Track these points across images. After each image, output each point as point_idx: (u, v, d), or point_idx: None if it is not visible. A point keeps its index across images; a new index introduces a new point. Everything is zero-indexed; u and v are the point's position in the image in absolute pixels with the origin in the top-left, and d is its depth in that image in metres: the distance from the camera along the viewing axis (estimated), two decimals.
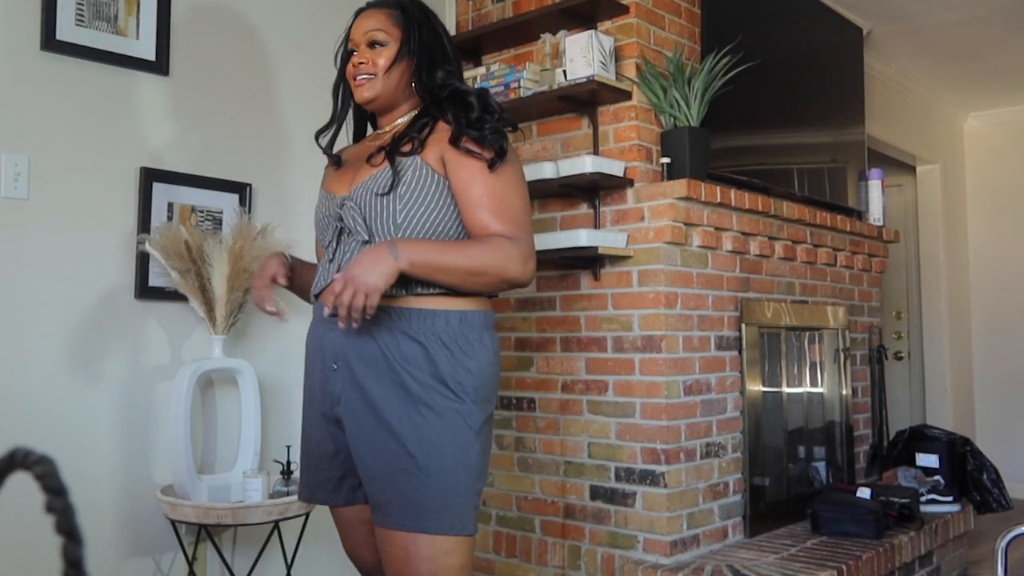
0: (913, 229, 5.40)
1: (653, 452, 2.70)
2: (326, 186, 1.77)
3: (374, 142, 1.74)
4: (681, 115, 2.80)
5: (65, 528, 0.46)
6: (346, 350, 1.61)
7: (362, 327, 1.56)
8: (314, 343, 1.71)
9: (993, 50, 4.48)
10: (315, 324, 1.72)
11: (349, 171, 1.72)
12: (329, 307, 1.48)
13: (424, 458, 1.53)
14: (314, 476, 1.75)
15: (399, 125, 1.73)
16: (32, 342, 2.14)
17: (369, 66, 1.68)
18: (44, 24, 2.17)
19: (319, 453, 1.71)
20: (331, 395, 1.64)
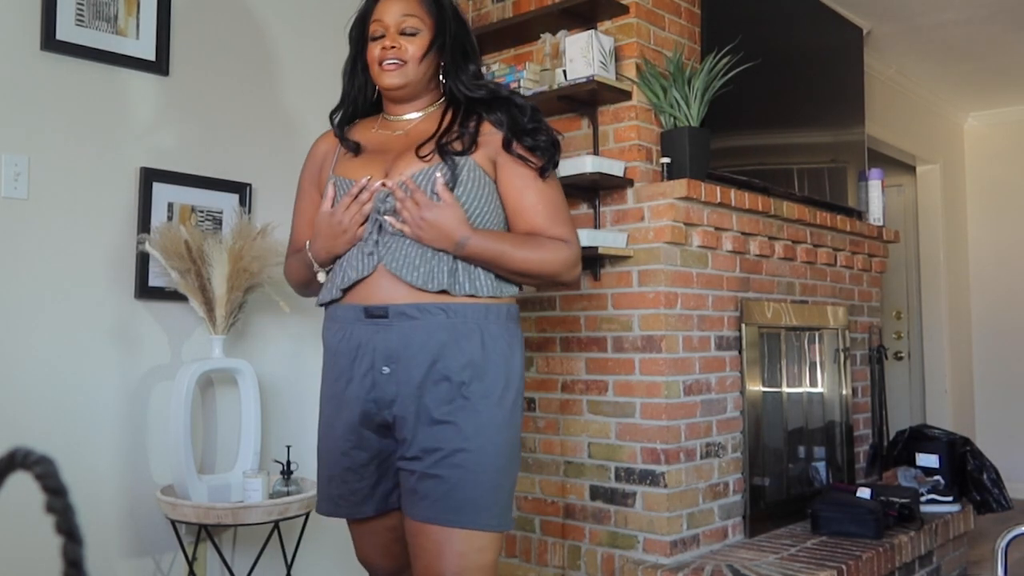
0: (913, 229, 5.40)
1: (653, 452, 2.70)
2: (343, 172, 1.67)
3: (385, 130, 1.70)
4: (681, 115, 2.80)
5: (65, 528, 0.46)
6: (399, 350, 1.55)
7: (415, 323, 1.54)
8: (348, 346, 1.60)
9: (993, 50, 4.48)
10: (348, 327, 1.61)
11: (377, 160, 1.65)
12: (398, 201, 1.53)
13: (478, 453, 1.52)
14: (338, 489, 1.66)
15: (418, 119, 1.69)
16: (32, 342, 2.14)
17: (400, 52, 1.63)
18: (44, 24, 2.16)
19: (347, 464, 1.64)
20: (380, 399, 1.57)
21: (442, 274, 1.55)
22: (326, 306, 1.69)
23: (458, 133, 1.63)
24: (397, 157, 1.63)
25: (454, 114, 1.68)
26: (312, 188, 1.77)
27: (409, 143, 1.65)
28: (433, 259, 1.56)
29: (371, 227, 1.59)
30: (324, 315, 1.72)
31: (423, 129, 1.67)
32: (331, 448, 1.66)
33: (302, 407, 2.66)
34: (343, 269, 1.62)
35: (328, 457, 1.68)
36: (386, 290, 1.57)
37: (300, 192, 1.80)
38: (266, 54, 2.66)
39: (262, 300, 2.48)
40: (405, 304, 1.55)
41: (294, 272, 1.78)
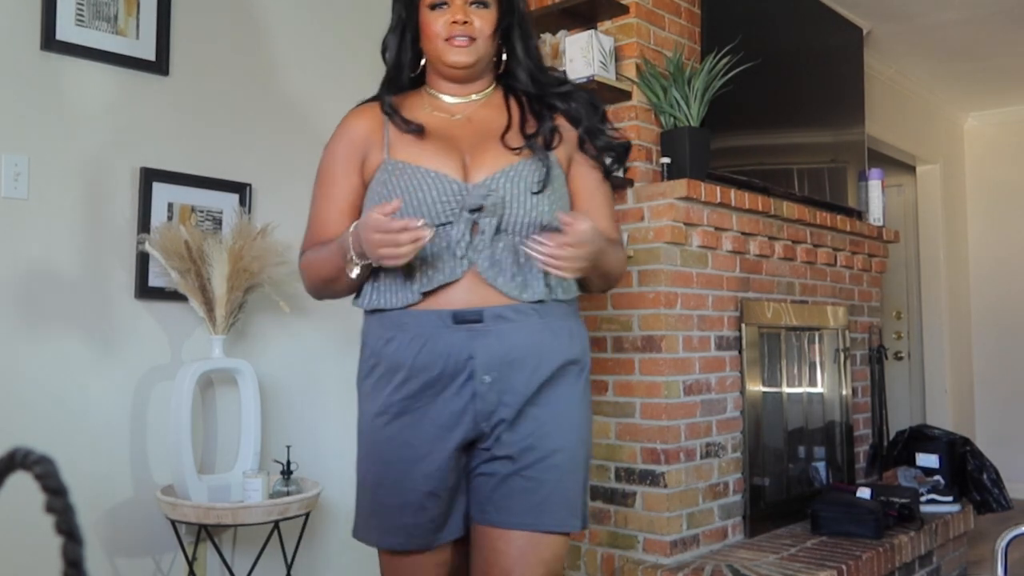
0: (913, 229, 5.40)
1: (653, 452, 2.70)
2: (408, 157, 1.47)
3: (440, 112, 1.55)
4: (681, 115, 2.80)
5: (65, 528, 0.46)
6: (500, 356, 1.42)
7: (514, 325, 1.43)
8: (431, 357, 1.43)
9: (993, 50, 4.48)
10: (428, 334, 1.43)
11: (448, 148, 1.49)
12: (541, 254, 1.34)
13: (571, 452, 1.47)
14: (413, 518, 1.46)
15: (477, 102, 1.56)
16: (32, 342, 2.14)
17: (471, 27, 1.48)
18: (44, 24, 2.16)
19: (431, 487, 1.45)
20: (481, 412, 1.43)
21: (537, 282, 1.45)
22: (380, 311, 1.49)
23: (539, 126, 1.52)
24: (476, 147, 1.49)
25: (519, 103, 1.56)
26: (352, 174, 1.54)
27: (480, 131, 1.52)
28: (525, 264, 1.45)
29: (464, 228, 1.43)
30: (372, 322, 1.52)
31: (487, 116, 1.54)
32: (405, 472, 1.45)
33: (302, 407, 2.66)
34: (421, 269, 1.44)
35: (399, 483, 1.45)
36: (475, 293, 1.43)
37: (330, 177, 1.55)
38: (266, 54, 2.66)
39: (262, 300, 2.48)
40: (500, 307, 1.43)
41: (317, 268, 1.54)
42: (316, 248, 1.53)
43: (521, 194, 1.45)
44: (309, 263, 1.55)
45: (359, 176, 1.54)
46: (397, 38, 1.55)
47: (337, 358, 2.72)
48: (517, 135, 1.51)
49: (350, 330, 2.65)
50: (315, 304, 2.58)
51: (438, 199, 1.43)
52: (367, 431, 1.51)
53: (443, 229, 1.43)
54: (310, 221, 1.58)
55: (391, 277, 1.46)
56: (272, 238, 2.37)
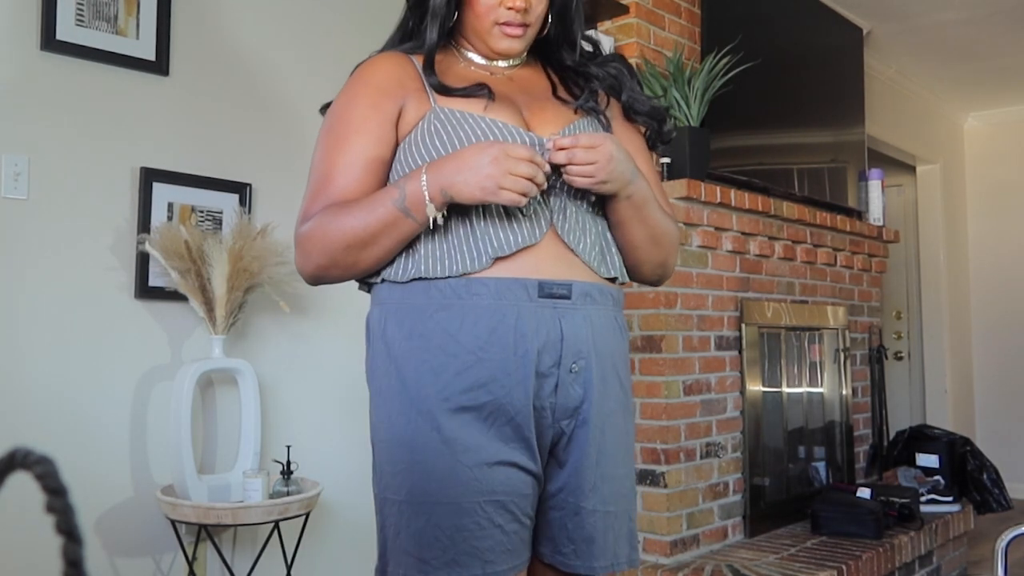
0: (913, 229, 5.40)
1: (653, 452, 2.70)
2: (461, 105, 1.25)
3: (480, 70, 1.34)
4: (681, 115, 2.80)
5: (65, 528, 0.46)
6: (588, 341, 1.21)
7: (599, 309, 1.24)
8: (509, 336, 1.16)
9: (993, 50, 4.48)
10: (505, 308, 1.17)
11: (503, 100, 1.28)
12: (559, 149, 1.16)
13: (632, 474, 1.31)
14: (481, 538, 1.15)
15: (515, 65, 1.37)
16: (32, 342, 2.14)
17: (529, 15, 1.29)
18: (44, 24, 2.16)
19: (517, 495, 1.18)
20: (562, 407, 1.20)
21: (613, 256, 1.29)
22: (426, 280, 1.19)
23: (585, 89, 1.36)
24: (531, 104, 1.31)
25: (557, 72, 1.40)
26: (384, 123, 1.25)
27: (527, 89, 1.34)
28: (598, 231, 1.28)
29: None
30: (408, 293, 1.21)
31: (528, 77, 1.37)
32: (472, 482, 1.15)
33: (302, 407, 2.66)
34: (488, 230, 1.19)
35: (453, 499, 1.15)
36: (560, 261, 1.21)
37: (351, 126, 1.25)
38: (266, 54, 2.66)
39: (262, 300, 2.48)
40: (587, 283, 1.22)
41: (348, 227, 1.18)
42: (342, 205, 1.21)
43: None
44: (331, 220, 1.20)
45: (392, 128, 1.26)
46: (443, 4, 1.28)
47: (337, 358, 2.72)
48: (566, 96, 1.37)
49: (351, 329, 2.65)
50: (315, 304, 2.58)
51: None
52: (408, 435, 1.17)
53: None
54: (319, 179, 1.25)
55: (435, 240, 1.19)
56: (272, 238, 2.37)
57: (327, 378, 2.72)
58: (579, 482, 1.21)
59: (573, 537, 1.22)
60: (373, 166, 1.24)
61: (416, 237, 1.20)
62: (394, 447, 1.20)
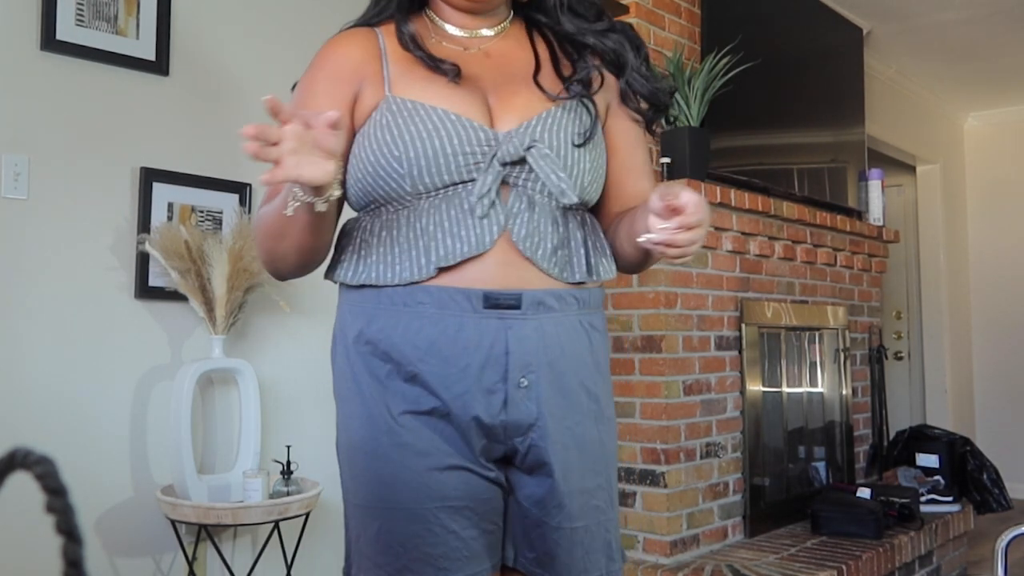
0: (913, 229, 5.40)
1: (653, 452, 2.70)
2: (417, 94, 1.14)
3: (452, 45, 1.23)
4: (681, 115, 2.80)
5: (65, 528, 0.46)
6: (539, 353, 1.12)
7: (555, 316, 1.14)
8: (453, 350, 1.10)
9: (993, 50, 4.48)
10: (448, 321, 1.10)
11: (466, 85, 1.17)
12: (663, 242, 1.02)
13: (612, 486, 1.22)
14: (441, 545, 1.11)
15: (493, 36, 1.25)
16: (32, 342, 2.14)
17: None
18: (44, 24, 2.16)
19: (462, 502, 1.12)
20: (512, 424, 1.12)
21: (580, 259, 1.17)
22: (374, 287, 1.14)
23: (576, 67, 1.23)
24: (501, 87, 1.19)
25: (545, 39, 1.27)
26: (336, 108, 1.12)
27: (503, 69, 1.22)
28: (565, 233, 1.16)
29: (492, 183, 1.11)
30: (359, 299, 1.16)
31: (507, 51, 1.24)
32: (422, 487, 1.11)
33: (302, 407, 2.66)
34: (435, 236, 1.11)
35: (405, 505, 1.11)
36: (510, 269, 1.12)
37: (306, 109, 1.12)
38: (266, 54, 2.66)
39: (262, 300, 2.48)
40: (540, 291, 1.12)
41: (265, 224, 1.15)
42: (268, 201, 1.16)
43: (562, 147, 1.15)
44: (258, 219, 1.17)
45: (348, 117, 1.17)
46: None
47: None
48: (551, 76, 1.22)
49: None
50: (315, 304, 2.58)
51: (460, 149, 1.11)
52: (362, 440, 1.14)
53: (463, 187, 1.12)
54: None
55: (387, 243, 1.14)
56: None
57: (327, 378, 2.71)
58: (542, 497, 1.15)
59: (535, 547, 1.17)
60: None
61: (368, 241, 1.15)
62: (351, 451, 1.16)
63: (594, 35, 1.24)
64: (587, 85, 1.22)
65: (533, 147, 1.12)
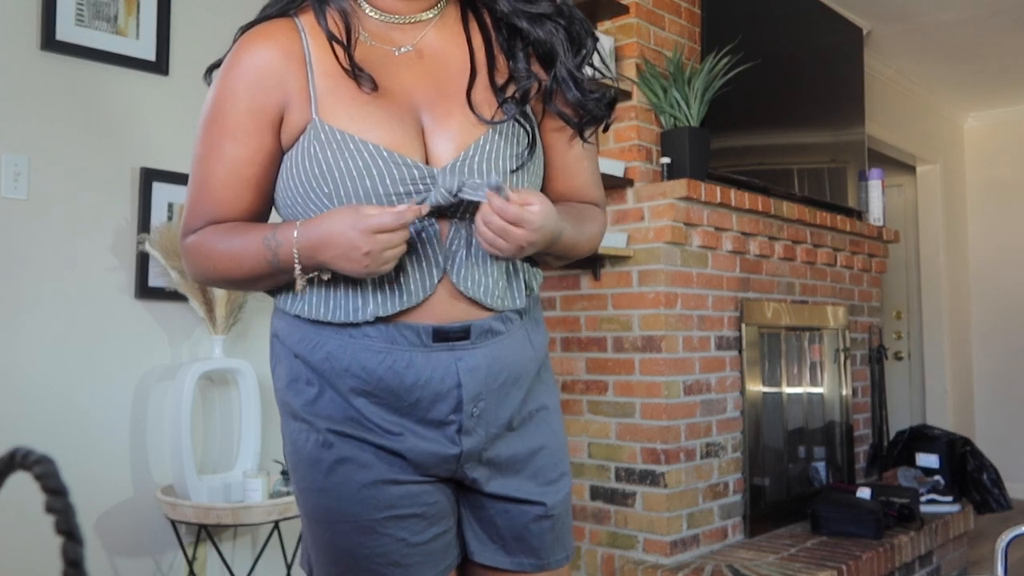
0: (913, 229, 5.40)
1: (653, 452, 2.70)
2: (349, 123, 1.06)
3: (379, 42, 1.12)
4: (681, 115, 2.80)
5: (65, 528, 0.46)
6: (490, 379, 1.10)
7: (502, 340, 1.12)
8: (403, 384, 1.07)
9: (993, 50, 4.48)
10: (396, 356, 1.07)
11: (398, 104, 1.09)
12: (483, 240, 1.03)
13: (565, 472, 1.23)
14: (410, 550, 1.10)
15: (426, 24, 1.14)
16: (32, 342, 2.14)
17: None
18: (44, 24, 2.16)
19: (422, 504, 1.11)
20: (468, 452, 1.11)
21: (519, 283, 1.15)
22: (320, 323, 1.12)
23: (511, 74, 1.13)
24: (435, 105, 1.10)
25: (480, 26, 1.16)
26: (263, 132, 1.09)
27: (437, 78, 1.12)
28: (499, 265, 1.12)
29: (428, 224, 1.07)
30: (303, 324, 1.15)
31: (442, 49, 1.14)
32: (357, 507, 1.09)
33: None
34: (371, 287, 1.07)
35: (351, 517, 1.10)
36: (456, 304, 1.09)
37: (226, 129, 1.09)
38: None
39: (262, 300, 2.48)
40: (486, 319, 1.11)
41: (225, 263, 1.12)
42: (220, 235, 1.11)
43: (501, 174, 1.09)
44: (209, 253, 1.12)
45: (273, 135, 1.09)
46: None
47: None
48: (486, 89, 1.12)
49: None
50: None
51: (393, 189, 1.05)
52: (306, 454, 1.12)
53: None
54: (196, 185, 1.13)
55: (321, 289, 1.11)
56: None
57: None
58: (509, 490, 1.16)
59: (503, 535, 1.17)
60: (249, 183, 1.11)
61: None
62: (297, 463, 1.14)
63: (528, 19, 1.12)
64: (525, 95, 1.13)
65: (463, 188, 1.03)
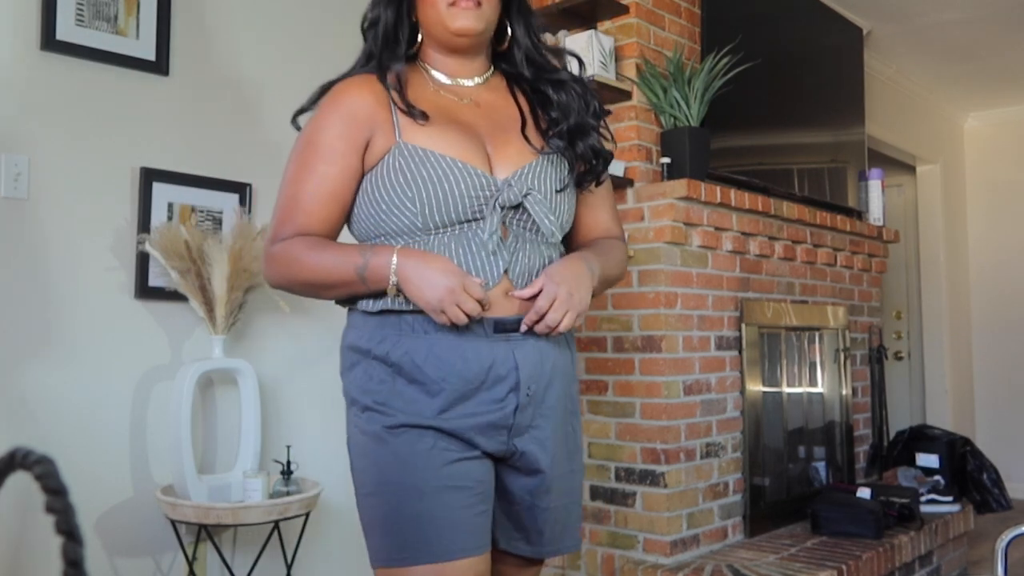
0: (913, 229, 5.40)
1: (653, 452, 2.70)
2: (427, 142, 1.30)
3: (447, 93, 1.39)
4: (681, 115, 2.80)
5: (65, 528, 0.46)
6: (538, 367, 1.32)
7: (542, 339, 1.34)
8: (480, 370, 1.28)
9: (993, 50, 4.48)
10: (476, 343, 1.29)
11: (467, 135, 1.34)
12: (529, 325, 1.29)
13: (580, 468, 1.46)
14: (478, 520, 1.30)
15: (479, 86, 1.42)
16: (32, 342, 2.14)
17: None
18: (44, 24, 2.16)
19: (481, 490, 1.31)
20: (519, 426, 1.32)
21: None
22: (396, 313, 1.31)
23: (550, 121, 1.41)
24: (495, 137, 1.36)
25: (523, 92, 1.45)
26: (351, 154, 1.32)
27: (494, 119, 1.39)
28: (542, 262, 1.36)
29: (495, 225, 1.29)
30: (377, 321, 1.33)
31: (495, 102, 1.42)
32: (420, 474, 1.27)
33: (302, 407, 2.66)
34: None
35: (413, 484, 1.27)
36: (507, 300, 1.31)
37: (322, 152, 1.33)
38: (266, 54, 2.66)
39: (262, 300, 2.48)
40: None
41: (311, 270, 1.31)
42: (309, 245, 1.31)
43: (548, 193, 1.35)
44: (295, 259, 1.31)
45: (359, 159, 1.33)
46: (394, 6, 1.37)
47: (337, 358, 2.72)
48: (534, 129, 1.41)
49: None
50: (315, 304, 2.58)
51: (467, 193, 1.28)
52: (376, 436, 1.30)
53: (469, 226, 1.30)
54: (287, 201, 1.35)
55: None
56: None
57: (327, 378, 2.72)
58: (535, 487, 1.36)
59: (525, 527, 1.38)
60: (336, 197, 1.34)
61: None
62: (364, 441, 1.32)
63: (550, 84, 1.42)
64: (561, 136, 1.39)
65: (530, 194, 1.31)
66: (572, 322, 1.29)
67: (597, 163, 1.42)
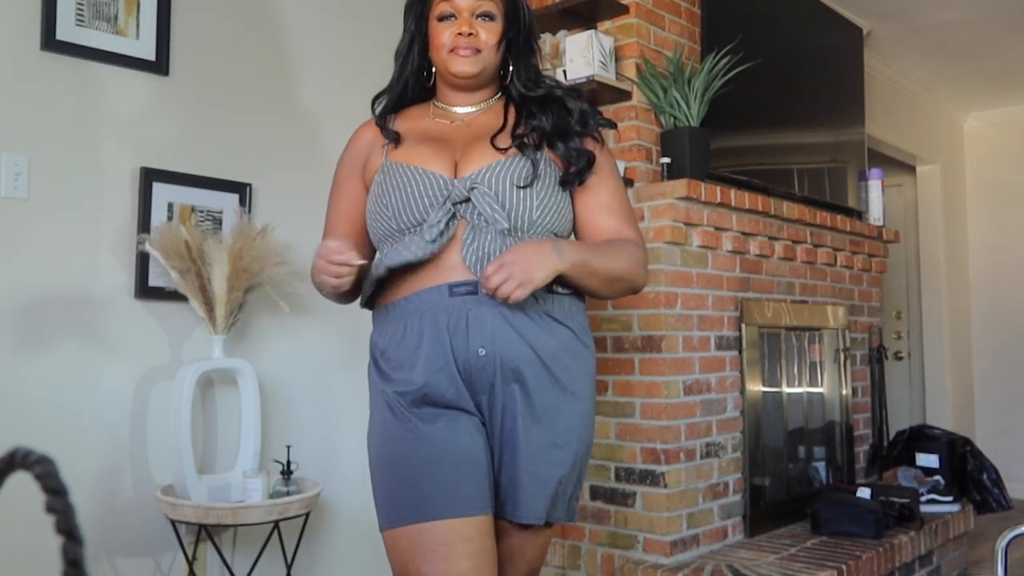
0: (913, 229, 5.40)
1: (653, 452, 2.70)
2: (403, 158, 1.55)
3: (442, 119, 1.62)
4: (681, 115, 2.80)
5: (65, 528, 0.46)
6: (496, 330, 1.45)
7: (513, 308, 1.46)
8: (434, 322, 1.46)
9: (993, 50, 4.48)
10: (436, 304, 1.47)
11: (441, 148, 1.56)
12: (484, 291, 1.42)
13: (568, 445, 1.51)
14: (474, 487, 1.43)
15: (478, 111, 1.63)
16: (32, 342, 2.14)
17: (476, 39, 1.56)
18: (44, 24, 2.16)
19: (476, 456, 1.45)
20: (477, 385, 1.47)
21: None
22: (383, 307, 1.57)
23: (530, 127, 1.57)
24: (467, 146, 1.56)
25: (516, 110, 1.62)
26: (352, 179, 1.65)
27: (475, 133, 1.58)
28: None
29: (442, 215, 1.47)
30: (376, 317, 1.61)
31: (485, 121, 1.61)
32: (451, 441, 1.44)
33: (302, 407, 2.66)
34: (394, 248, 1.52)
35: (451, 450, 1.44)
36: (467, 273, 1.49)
37: (337, 183, 1.68)
38: (266, 54, 2.66)
39: (262, 300, 2.48)
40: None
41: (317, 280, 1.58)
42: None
43: (503, 188, 1.49)
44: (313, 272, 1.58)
45: (360, 181, 1.64)
46: (405, 49, 1.63)
47: (337, 358, 2.72)
48: (507, 136, 1.56)
49: (350, 330, 2.65)
50: (315, 304, 2.58)
51: (424, 194, 1.49)
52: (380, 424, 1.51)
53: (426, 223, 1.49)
54: (325, 221, 1.70)
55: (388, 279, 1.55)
56: (272, 238, 2.37)
57: (327, 378, 2.72)
58: (507, 444, 1.46)
59: (504, 491, 1.47)
60: (348, 215, 1.65)
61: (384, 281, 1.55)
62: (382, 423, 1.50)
63: (534, 102, 1.60)
64: (537, 140, 1.55)
65: (475, 188, 1.48)
66: (514, 288, 1.37)
67: (580, 163, 1.55)
